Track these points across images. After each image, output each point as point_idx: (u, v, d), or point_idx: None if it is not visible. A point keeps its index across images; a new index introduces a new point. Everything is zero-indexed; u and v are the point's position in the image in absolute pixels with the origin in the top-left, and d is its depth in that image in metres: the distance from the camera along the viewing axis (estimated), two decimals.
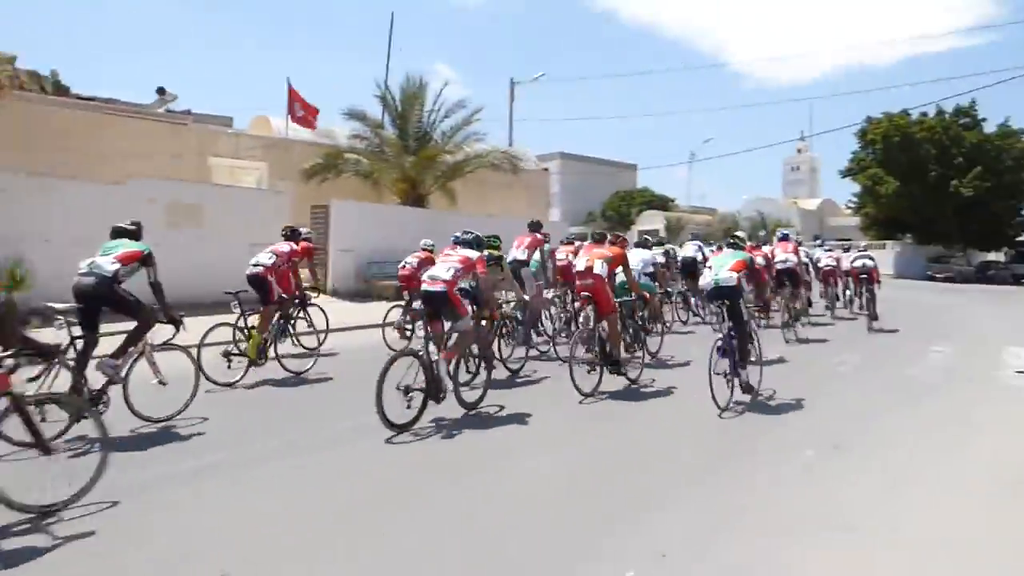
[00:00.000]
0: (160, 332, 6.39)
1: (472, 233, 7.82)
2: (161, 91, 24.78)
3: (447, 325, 6.98)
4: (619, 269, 8.51)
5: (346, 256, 18.50)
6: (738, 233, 9.40)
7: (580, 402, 7.42)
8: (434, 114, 22.25)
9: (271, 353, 8.59)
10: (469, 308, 6.98)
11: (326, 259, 18.38)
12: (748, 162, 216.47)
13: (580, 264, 8.43)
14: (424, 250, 12.50)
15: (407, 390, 6.21)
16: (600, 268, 8.16)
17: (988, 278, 41.72)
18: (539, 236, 11.34)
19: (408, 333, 10.88)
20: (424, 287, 6.95)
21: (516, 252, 11.05)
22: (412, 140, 21.54)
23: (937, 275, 41.20)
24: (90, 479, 4.37)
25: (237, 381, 7.99)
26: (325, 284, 18.23)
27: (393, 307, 11.51)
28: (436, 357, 6.60)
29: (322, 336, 10.10)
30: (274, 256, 8.95)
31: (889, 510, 4.53)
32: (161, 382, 6.34)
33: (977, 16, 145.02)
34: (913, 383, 8.90)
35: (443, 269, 6.98)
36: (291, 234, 9.66)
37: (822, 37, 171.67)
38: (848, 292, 16.41)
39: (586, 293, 8.18)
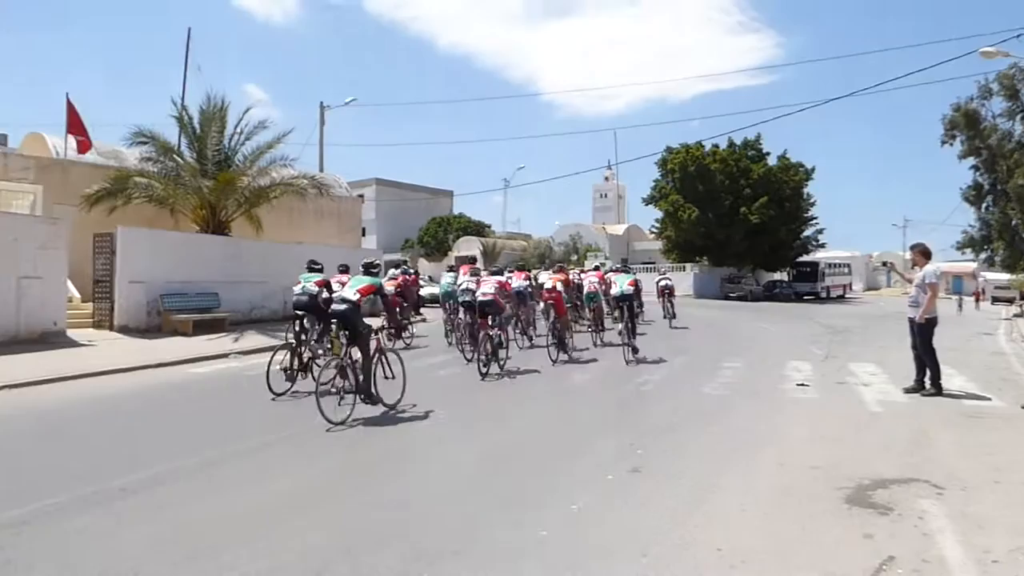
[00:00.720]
0: None
1: (499, 267, 14.31)
2: None
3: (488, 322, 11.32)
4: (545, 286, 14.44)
5: (136, 288, 16.94)
6: (629, 265, 14.77)
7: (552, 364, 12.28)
8: (237, 137, 20.98)
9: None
10: (507, 306, 12.12)
11: (112, 292, 16.74)
12: (562, 189, 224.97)
13: (548, 284, 14.17)
14: (391, 279, 16.31)
15: (487, 356, 10.89)
16: (560, 287, 13.83)
17: (774, 295, 45.90)
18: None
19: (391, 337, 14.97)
20: (479, 298, 11.44)
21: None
22: (211, 164, 20.11)
23: (731, 294, 44.66)
24: (401, 394, 8.53)
25: None
26: (111, 319, 16.60)
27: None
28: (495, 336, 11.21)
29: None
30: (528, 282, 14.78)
31: (681, 532, 4.52)
32: None
33: (761, 58, 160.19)
34: (708, 399, 9.28)
35: (489, 287, 11.47)
36: (407, 268, 14.17)
37: (627, 71, 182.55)
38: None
39: (550, 301, 13.60)
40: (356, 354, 8.14)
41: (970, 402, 9.06)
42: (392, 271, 16.54)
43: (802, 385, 10.29)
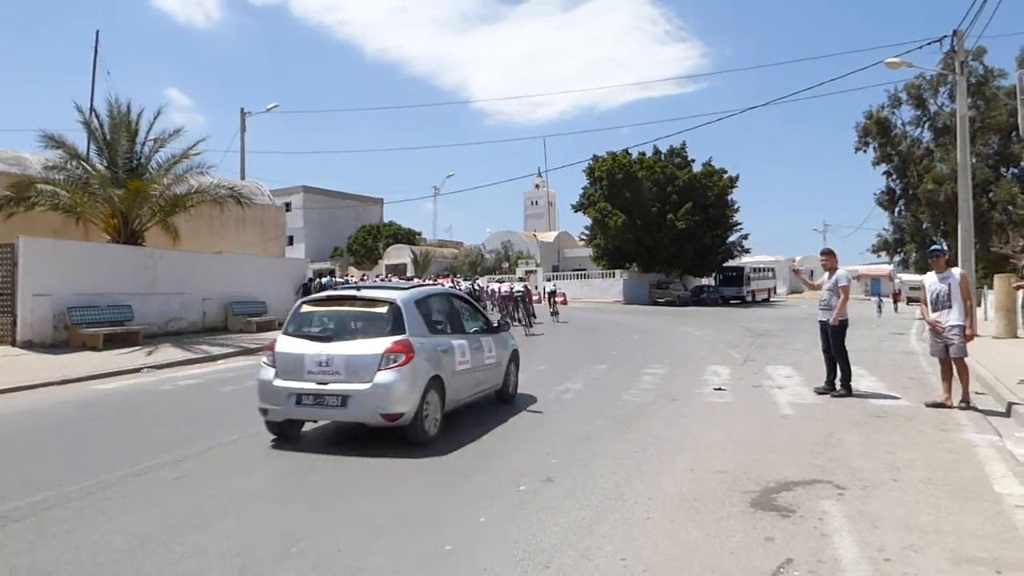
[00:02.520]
0: None
1: (522, 278, 32.02)
2: None
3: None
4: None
5: (41, 302, 16.14)
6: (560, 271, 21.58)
7: None
8: (151, 143, 20.22)
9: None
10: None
11: (14, 306, 15.91)
12: (494, 196, 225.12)
13: (519, 287, 26.50)
14: (378, 277, 26.69)
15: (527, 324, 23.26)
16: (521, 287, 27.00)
17: (701, 300, 46.89)
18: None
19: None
20: (515, 294, 25.18)
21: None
22: (123, 171, 19.32)
23: (659, 300, 45.46)
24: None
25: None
26: (14, 335, 15.80)
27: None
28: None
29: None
30: (523, 288, 26.24)
31: (587, 542, 4.47)
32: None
33: (688, 67, 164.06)
34: (627, 406, 9.32)
35: (520, 287, 25.86)
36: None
37: (558, 79, 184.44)
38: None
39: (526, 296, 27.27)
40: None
41: (877, 401, 9.34)
42: (379, 275, 20.31)
43: (719, 389, 10.45)
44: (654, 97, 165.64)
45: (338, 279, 27.70)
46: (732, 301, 48.30)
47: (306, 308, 7.83)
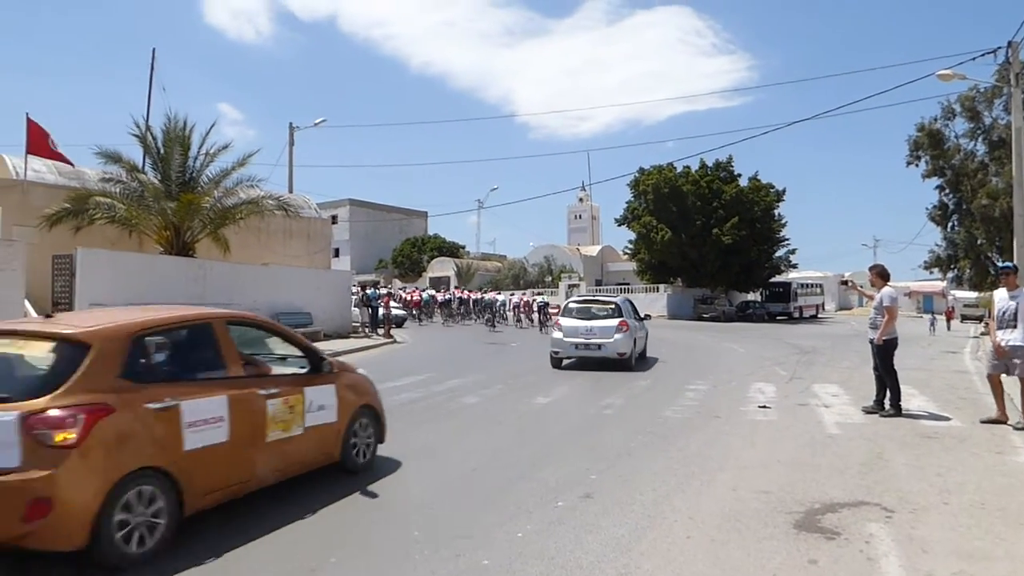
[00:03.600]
0: None
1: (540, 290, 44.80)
2: None
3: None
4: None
5: None
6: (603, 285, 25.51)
7: None
8: (202, 157, 20.78)
9: None
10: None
11: None
12: (538, 210, 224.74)
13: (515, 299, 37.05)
14: (407, 290, 33.90)
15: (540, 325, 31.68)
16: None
17: (747, 316, 46.24)
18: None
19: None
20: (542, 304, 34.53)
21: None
22: (176, 184, 19.89)
23: (704, 315, 44.94)
24: None
25: None
26: None
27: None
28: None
29: None
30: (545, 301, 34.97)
31: (625, 560, 4.43)
32: None
33: (735, 80, 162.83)
34: (668, 422, 9.21)
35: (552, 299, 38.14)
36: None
37: (603, 93, 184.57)
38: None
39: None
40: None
41: (928, 422, 9.08)
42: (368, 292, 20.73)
43: (764, 407, 10.25)
44: (700, 111, 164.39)
45: (381, 291, 27.98)
46: (779, 317, 47.55)
47: (573, 304, 16.26)
